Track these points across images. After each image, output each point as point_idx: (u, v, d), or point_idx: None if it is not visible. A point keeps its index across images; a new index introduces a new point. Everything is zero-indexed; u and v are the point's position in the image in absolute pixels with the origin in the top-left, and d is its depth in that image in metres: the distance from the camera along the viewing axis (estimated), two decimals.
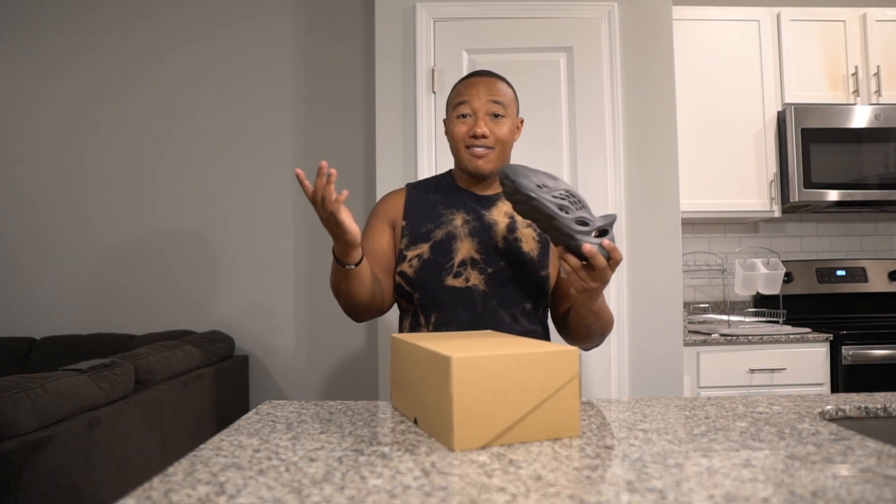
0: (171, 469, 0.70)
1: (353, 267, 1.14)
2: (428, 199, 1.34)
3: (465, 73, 2.19)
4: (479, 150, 1.26)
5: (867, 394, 1.12)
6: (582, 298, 1.11)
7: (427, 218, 1.31)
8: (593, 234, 1.03)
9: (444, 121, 1.35)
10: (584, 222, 1.02)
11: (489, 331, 1.14)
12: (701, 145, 2.56)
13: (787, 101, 2.57)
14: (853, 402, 1.05)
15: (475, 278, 1.26)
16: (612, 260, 1.04)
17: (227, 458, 0.75)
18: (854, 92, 2.58)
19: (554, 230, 1.02)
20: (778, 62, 2.59)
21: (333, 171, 1.00)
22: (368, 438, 0.84)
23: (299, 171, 1.00)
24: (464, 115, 1.27)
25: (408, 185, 1.39)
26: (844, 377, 2.30)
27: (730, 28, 2.59)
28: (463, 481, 0.66)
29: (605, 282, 1.07)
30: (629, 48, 2.21)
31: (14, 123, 2.76)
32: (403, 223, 1.31)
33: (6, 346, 2.49)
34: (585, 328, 1.20)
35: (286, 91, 2.75)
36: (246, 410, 2.61)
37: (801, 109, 2.51)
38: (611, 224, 1.05)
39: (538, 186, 1.01)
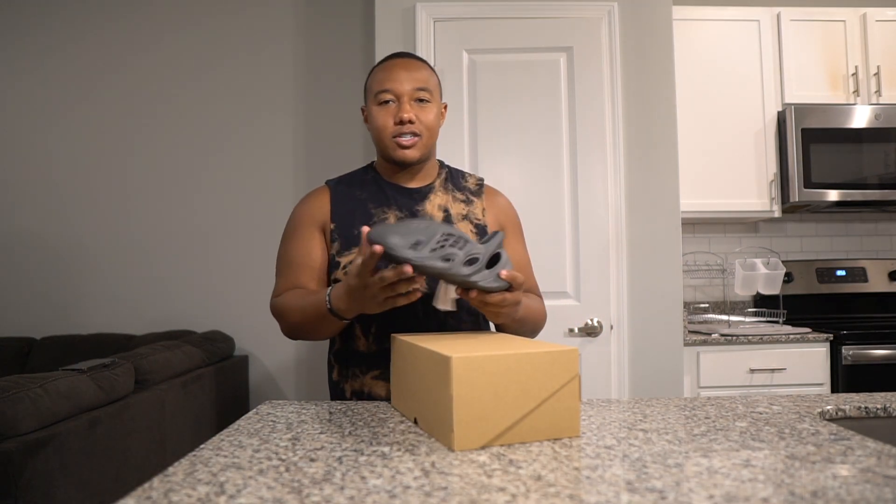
0: (171, 469, 0.70)
1: (347, 320, 1.09)
2: (355, 196, 1.24)
3: (465, 74, 2.19)
4: (406, 140, 1.17)
5: (867, 394, 1.12)
6: (499, 322, 1.07)
7: (357, 219, 1.21)
8: (484, 267, 0.97)
9: (363, 109, 1.25)
10: (473, 260, 0.95)
11: (489, 331, 1.14)
12: (701, 145, 2.56)
13: (787, 101, 2.57)
14: (853, 402, 1.05)
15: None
16: (514, 286, 0.98)
17: (227, 458, 0.75)
18: (854, 92, 2.58)
19: (450, 282, 0.97)
20: (778, 62, 2.59)
21: (421, 283, 0.94)
22: (368, 438, 0.84)
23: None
24: (386, 102, 1.18)
25: (328, 182, 1.28)
26: (844, 377, 2.30)
27: (730, 28, 2.59)
28: (463, 481, 0.66)
29: (514, 304, 1.01)
30: (629, 48, 2.21)
31: (15, 122, 2.76)
32: (332, 226, 1.21)
33: (6, 346, 2.49)
34: (514, 333, 1.17)
35: (286, 91, 2.75)
36: (246, 410, 2.61)
37: (801, 109, 2.51)
38: (499, 245, 0.99)
39: (413, 245, 0.92)
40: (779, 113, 2.58)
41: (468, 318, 1.23)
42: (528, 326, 1.19)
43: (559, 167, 2.18)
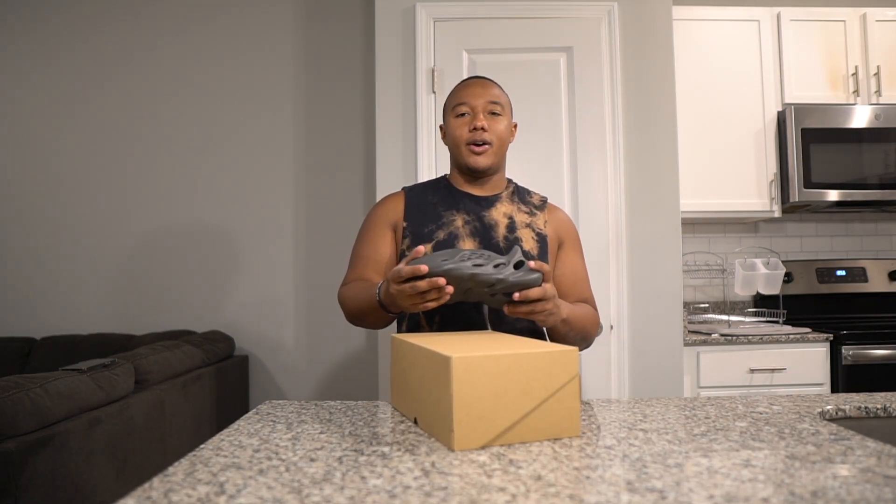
0: (171, 469, 0.70)
1: (395, 314, 1.17)
2: (427, 200, 1.35)
3: (465, 74, 2.19)
4: (478, 147, 1.29)
5: (867, 394, 1.12)
6: (549, 324, 1.11)
7: (428, 219, 1.32)
8: (512, 268, 1.03)
9: (441, 126, 1.38)
10: (499, 265, 1.02)
11: (489, 331, 1.14)
12: (701, 145, 2.55)
13: (787, 101, 2.57)
14: (853, 402, 1.05)
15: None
16: (545, 277, 1.04)
17: (227, 458, 0.75)
18: (854, 92, 2.58)
19: (482, 284, 1.01)
20: (778, 62, 2.59)
21: (451, 289, 0.99)
22: (368, 438, 0.84)
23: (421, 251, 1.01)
24: (463, 115, 1.30)
25: (404, 188, 1.40)
26: (844, 377, 2.30)
27: (730, 28, 2.59)
28: (463, 481, 0.66)
29: (554, 298, 1.06)
30: (629, 48, 2.21)
31: (10, 123, 2.76)
32: (404, 224, 1.33)
33: (6, 346, 2.49)
34: (562, 338, 1.21)
35: (286, 91, 2.75)
36: (246, 410, 2.61)
37: (801, 109, 2.51)
38: (519, 255, 1.05)
39: (444, 261, 1.00)
40: (779, 113, 2.58)
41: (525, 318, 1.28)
42: (577, 331, 1.21)
43: (559, 167, 2.18)
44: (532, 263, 1.02)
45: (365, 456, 0.76)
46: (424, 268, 0.97)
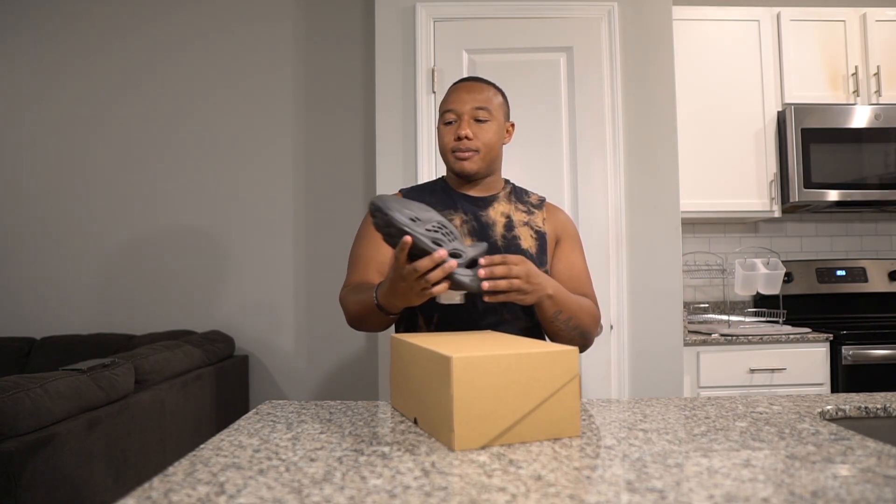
0: (171, 469, 0.70)
1: (395, 315, 1.16)
2: (424, 201, 1.35)
3: (464, 73, 2.19)
4: (463, 154, 1.28)
5: (867, 394, 1.12)
6: (524, 302, 1.10)
7: None
8: (466, 265, 1.02)
9: (438, 128, 1.39)
10: (456, 254, 1.01)
11: (489, 331, 1.14)
12: (701, 145, 2.55)
13: (787, 101, 2.57)
14: (853, 402, 1.05)
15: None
16: (503, 280, 1.03)
17: (227, 458, 0.75)
18: (854, 92, 2.58)
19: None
20: (778, 62, 2.59)
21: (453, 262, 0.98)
22: (368, 438, 0.84)
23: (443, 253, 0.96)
24: (449, 122, 1.31)
25: (401, 190, 1.40)
26: (844, 377, 2.30)
27: (730, 28, 2.59)
28: (463, 481, 0.66)
29: (522, 277, 1.06)
30: (629, 48, 2.21)
31: (16, 123, 2.76)
32: None
33: (6, 346, 2.49)
34: (552, 321, 1.18)
35: (286, 91, 2.75)
36: (246, 410, 2.61)
37: (801, 109, 2.51)
38: (481, 254, 1.05)
39: (412, 220, 0.97)
40: (779, 113, 2.58)
41: (524, 316, 1.29)
42: (569, 314, 1.19)
43: (559, 167, 2.18)
44: (482, 272, 1.01)
45: (365, 456, 0.76)
46: (409, 239, 0.95)
